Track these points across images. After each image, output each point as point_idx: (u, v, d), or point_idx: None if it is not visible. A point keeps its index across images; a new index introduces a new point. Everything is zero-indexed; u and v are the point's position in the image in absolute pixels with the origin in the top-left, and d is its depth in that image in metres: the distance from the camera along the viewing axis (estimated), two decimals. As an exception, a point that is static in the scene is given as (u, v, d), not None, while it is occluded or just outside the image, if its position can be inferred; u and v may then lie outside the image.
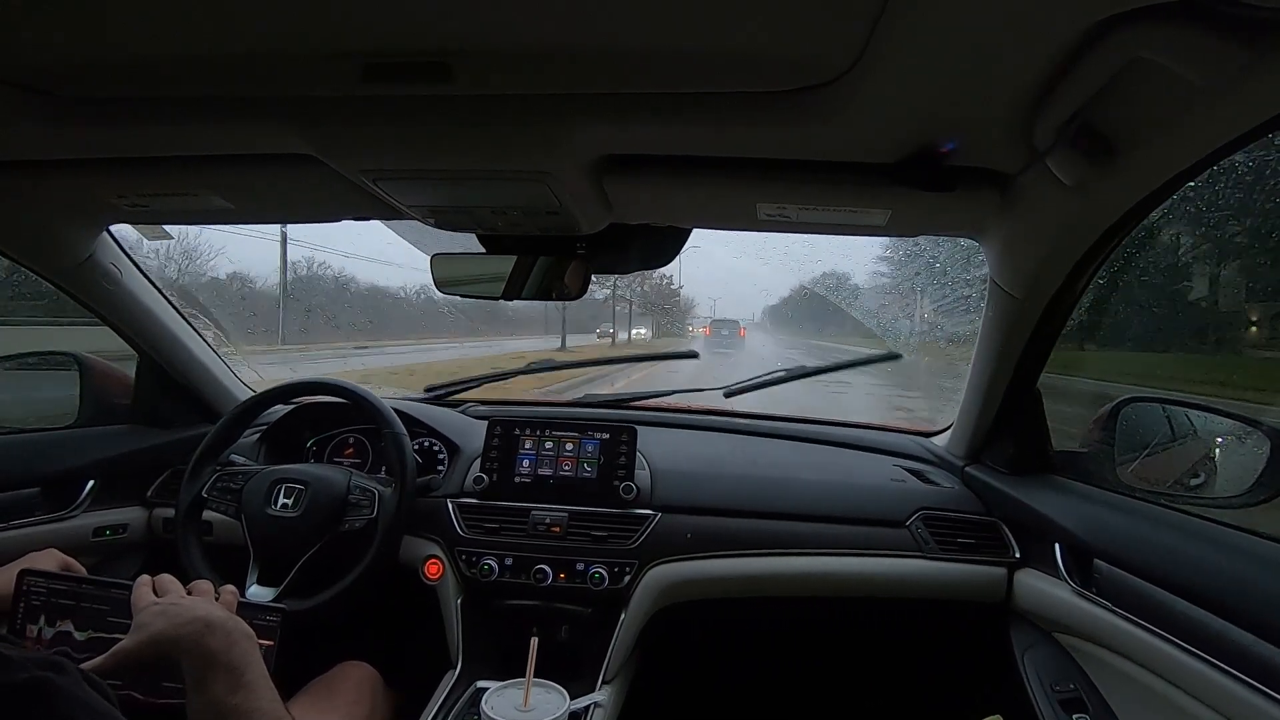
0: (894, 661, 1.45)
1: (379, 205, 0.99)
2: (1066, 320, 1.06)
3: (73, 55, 0.68)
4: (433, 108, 0.73)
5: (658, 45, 0.62)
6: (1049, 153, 0.72)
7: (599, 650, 1.19)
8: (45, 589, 0.83)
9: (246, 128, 0.80)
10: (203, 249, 8.26)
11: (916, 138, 0.76)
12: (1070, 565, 1.05)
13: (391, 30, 0.61)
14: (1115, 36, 0.54)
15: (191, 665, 0.69)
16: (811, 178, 0.86)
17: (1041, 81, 0.63)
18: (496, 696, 0.88)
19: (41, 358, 1.57)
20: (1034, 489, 1.17)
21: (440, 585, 1.25)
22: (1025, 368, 1.13)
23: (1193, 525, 0.90)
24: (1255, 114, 0.59)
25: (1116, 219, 0.83)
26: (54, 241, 1.17)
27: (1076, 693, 0.99)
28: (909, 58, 0.60)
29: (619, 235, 1.08)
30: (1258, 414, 1.02)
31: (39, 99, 0.76)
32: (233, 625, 0.73)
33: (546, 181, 0.84)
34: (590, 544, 1.24)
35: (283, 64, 0.68)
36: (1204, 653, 0.77)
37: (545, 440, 1.34)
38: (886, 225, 0.98)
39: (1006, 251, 0.98)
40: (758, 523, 1.27)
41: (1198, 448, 1.14)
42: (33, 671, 0.48)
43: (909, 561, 1.23)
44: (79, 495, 1.33)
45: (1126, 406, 1.14)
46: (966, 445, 1.34)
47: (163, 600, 0.74)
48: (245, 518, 1.19)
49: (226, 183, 0.97)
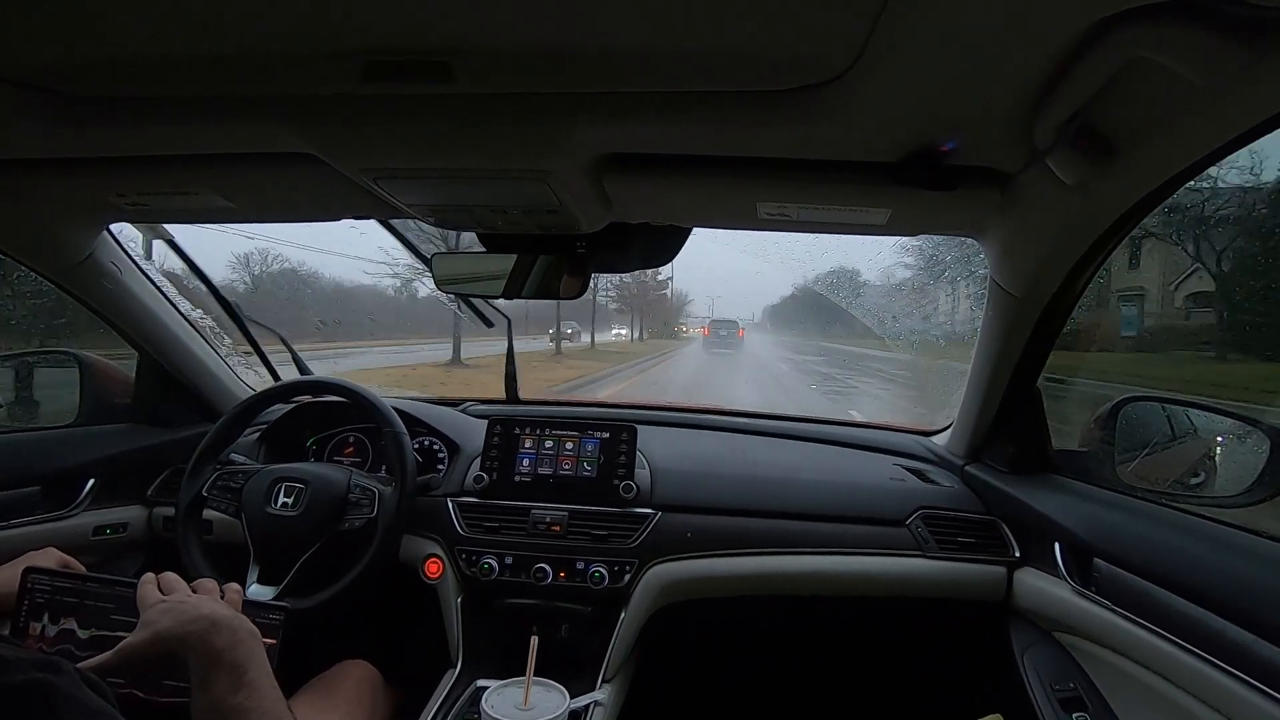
0: (894, 660, 1.46)
1: (379, 204, 0.99)
2: (1066, 320, 1.06)
3: (73, 54, 0.68)
4: (433, 107, 0.73)
5: (658, 44, 0.62)
6: (1049, 152, 0.72)
7: (599, 649, 1.19)
8: (49, 587, 0.83)
9: (247, 127, 0.80)
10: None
11: (917, 137, 0.76)
12: (1070, 564, 1.05)
13: (392, 29, 0.61)
14: (1115, 36, 0.54)
15: (196, 663, 0.69)
16: (812, 177, 0.86)
17: (1042, 81, 0.63)
18: (496, 695, 0.88)
19: (41, 356, 1.57)
20: (1034, 488, 1.17)
21: (440, 584, 1.25)
22: (1025, 367, 1.13)
23: (1193, 524, 0.90)
24: (1255, 114, 0.59)
25: (1116, 218, 0.83)
26: (54, 240, 1.17)
27: (1076, 692, 0.99)
28: (909, 57, 0.60)
29: (619, 234, 1.08)
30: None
31: (40, 98, 0.76)
32: (238, 624, 0.73)
33: (547, 180, 0.84)
34: (590, 543, 1.24)
35: (283, 63, 0.68)
36: (1204, 652, 0.77)
37: (545, 439, 1.34)
38: (886, 224, 0.98)
39: (1006, 251, 0.98)
40: (758, 522, 1.27)
41: (1197, 447, 1.14)
42: (30, 673, 0.48)
43: (909, 560, 1.23)
44: (79, 494, 1.33)
45: (1126, 406, 1.14)
46: (966, 444, 1.34)
47: (169, 598, 0.75)
48: (245, 517, 1.19)
49: (227, 182, 0.97)
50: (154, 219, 1.29)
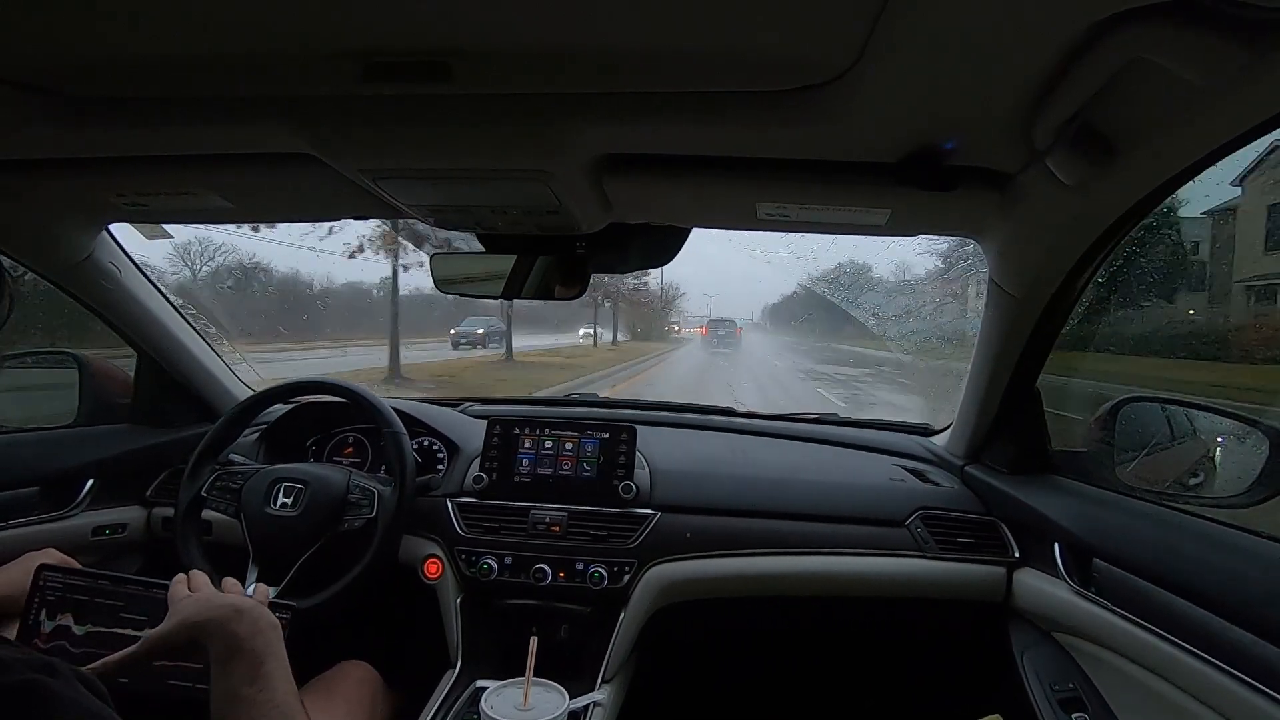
0: (893, 661, 1.45)
1: (379, 204, 0.99)
2: (1066, 320, 1.06)
3: (73, 55, 0.68)
4: (433, 107, 0.73)
5: (657, 45, 0.62)
6: (1049, 152, 0.72)
7: (598, 649, 1.19)
8: (62, 584, 0.84)
9: (246, 127, 0.80)
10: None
11: (916, 137, 0.76)
12: (1069, 565, 1.05)
13: (391, 30, 0.61)
14: (1115, 37, 0.54)
15: (216, 650, 0.70)
16: (811, 177, 0.86)
17: (1041, 81, 0.63)
18: (496, 696, 0.88)
19: (40, 357, 1.57)
20: (1033, 488, 1.17)
21: (440, 585, 1.25)
22: (1025, 367, 1.13)
23: (1192, 525, 0.90)
24: (1254, 114, 0.59)
25: (1116, 219, 0.83)
26: (53, 240, 1.17)
27: (1075, 692, 0.99)
28: (909, 57, 0.60)
29: (618, 234, 1.08)
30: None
31: (39, 98, 0.76)
32: (260, 614, 0.74)
33: (546, 181, 0.84)
34: (590, 543, 1.24)
35: (283, 63, 0.68)
36: (1203, 652, 0.77)
37: (545, 439, 1.34)
38: (886, 225, 0.98)
39: (1006, 251, 0.98)
40: (757, 522, 1.27)
41: (1197, 447, 1.14)
42: (25, 674, 0.48)
43: (908, 561, 1.23)
44: (78, 494, 1.33)
45: (1126, 406, 1.14)
46: (966, 445, 1.34)
47: (197, 593, 0.77)
48: (244, 517, 1.19)
49: (226, 182, 0.97)
50: (153, 219, 1.29)
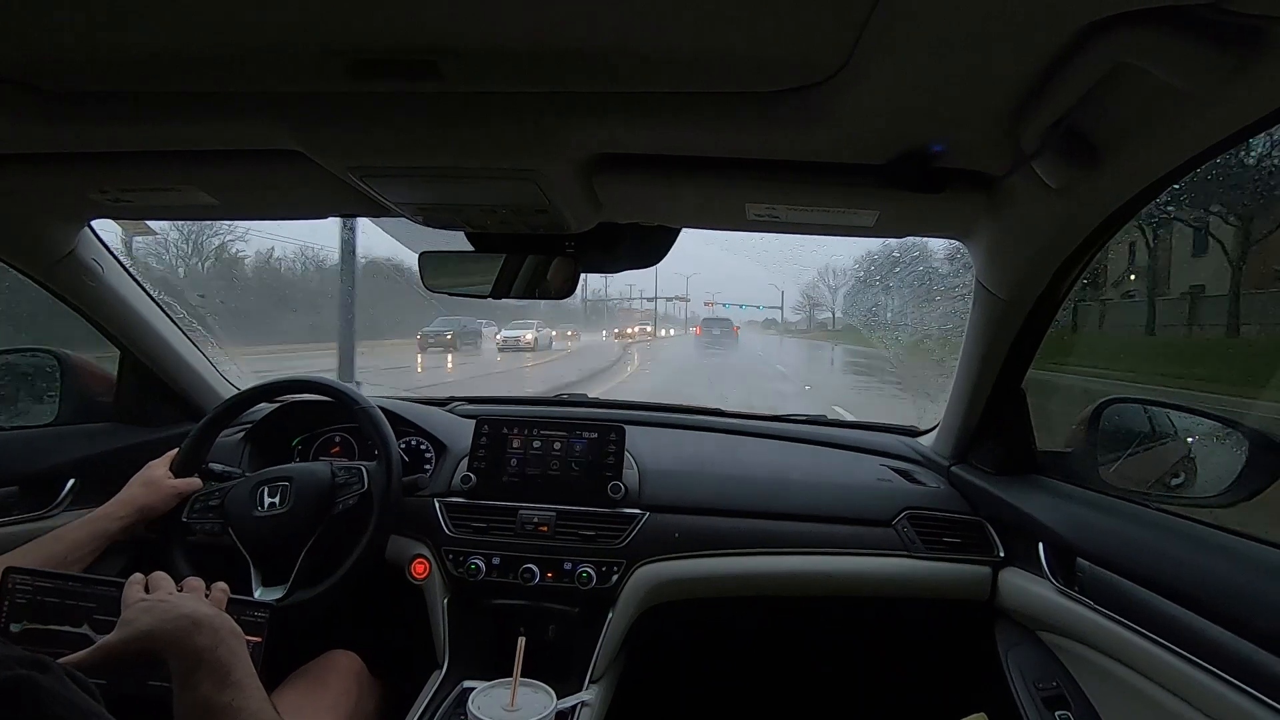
0: (880, 660, 1.46)
1: (366, 202, 0.98)
2: (1051, 321, 1.07)
3: (55, 49, 0.67)
4: (421, 105, 0.72)
5: (647, 45, 0.62)
6: (1035, 156, 0.73)
7: (586, 650, 1.19)
8: (30, 586, 0.82)
9: (232, 123, 0.79)
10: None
11: (904, 139, 0.77)
12: (1054, 564, 1.06)
13: (378, 27, 0.60)
14: (1100, 43, 0.54)
15: (177, 662, 0.68)
16: (800, 178, 0.86)
17: (1028, 86, 0.63)
18: (483, 696, 0.88)
19: (21, 354, 1.55)
20: (1019, 489, 1.18)
21: (427, 585, 1.25)
22: (1010, 368, 1.14)
23: (1174, 524, 0.92)
24: (1237, 119, 0.60)
25: (1100, 221, 0.84)
26: (34, 236, 1.15)
27: (1059, 690, 1.00)
28: (897, 60, 0.60)
29: (608, 234, 1.08)
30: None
31: (21, 93, 0.75)
32: (220, 623, 0.72)
33: (535, 180, 0.84)
34: (578, 543, 1.24)
35: (269, 59, 0.67)
36: (1185, 650, 0.78)
37: (533, 439, 1.34)
38: (874, 226, 0.99)
39: (992, 253, 0.99)
40: (746, 522, 1.27)
41: (1178, 448, 1.16)
42: (14, 670, 0.48)
43: (895, 561, 1.24)
44: (59, 494, 1.31)
45: (1109, 407, 1.15)
46: (952, 445, 1.35)
47: (150, 597, 0.75)
48: (233, 528, 1.17)
49: (211, 178, 0.96)
50: (136, 215, 1.28)
